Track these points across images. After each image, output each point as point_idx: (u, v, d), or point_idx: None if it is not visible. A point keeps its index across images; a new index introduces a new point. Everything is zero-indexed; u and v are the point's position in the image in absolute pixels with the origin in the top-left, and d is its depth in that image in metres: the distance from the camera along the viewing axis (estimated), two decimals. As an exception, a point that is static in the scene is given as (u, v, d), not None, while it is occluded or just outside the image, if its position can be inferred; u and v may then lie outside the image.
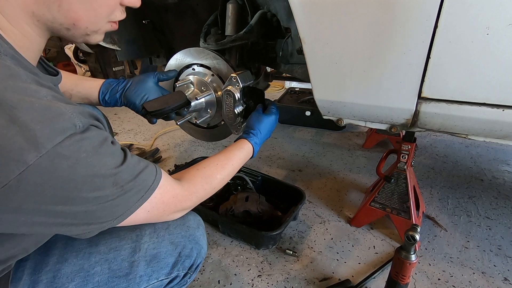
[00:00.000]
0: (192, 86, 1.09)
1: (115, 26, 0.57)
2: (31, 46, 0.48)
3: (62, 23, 0.48)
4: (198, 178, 0.64)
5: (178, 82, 1.08)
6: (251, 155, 0.86)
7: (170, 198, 0.56)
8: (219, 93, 1.06)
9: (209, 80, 1.08)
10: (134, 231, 0.61)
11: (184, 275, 0.65)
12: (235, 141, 0.85)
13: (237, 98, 1.00)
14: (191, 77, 1.09)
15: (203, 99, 1.06)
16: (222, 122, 1.14)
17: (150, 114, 0.86)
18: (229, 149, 0.80)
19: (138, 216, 0.50)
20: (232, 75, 1.00)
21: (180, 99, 0.93)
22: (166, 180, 0.55)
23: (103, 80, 0.90)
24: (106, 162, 0.44)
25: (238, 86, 0.98)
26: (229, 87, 0.99)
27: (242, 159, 0.81)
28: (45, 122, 0.37)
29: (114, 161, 0.46)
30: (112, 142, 0.47)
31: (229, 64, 1.05)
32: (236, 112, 1.02)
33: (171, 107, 0.89)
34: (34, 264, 0.54)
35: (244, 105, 1.05)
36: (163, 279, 0.62)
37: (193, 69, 1.12)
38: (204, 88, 1.08)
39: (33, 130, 0.36)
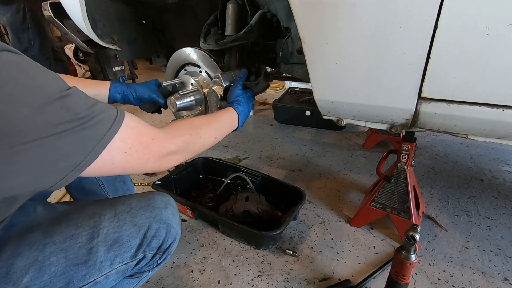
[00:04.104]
0: (184, 85, 1.14)
1: None
2: None
3: None
4: (182, 125, 0.64)
5: (165, 82, 1.10)
6: (236, 122, 0.87)
7: (149, 140, 0.54)
8: (205, 90, 1.09)
9: (197, 78, 1.10)
10: (93, 217, 0.60)
11: (153, 256, 0.64)
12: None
13: (219, 97, 1.01)
14: (181, 77, 1.13)
15: (191, 96, 1.09)
16: None
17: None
18: (215, 112, 0.82)
19: (116, 159, 0.48)
20: (216, 74, 1.02)
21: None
22: (139, 122, 0.53)
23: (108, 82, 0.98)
24: (43, 84, 0.41)
25: (221, 85, 1.00)
26: (213, 86, 1.01)
27: (228, 121, 0.82)
28: None
29: (56, 85, 0.42)
30: (46, 70, 0.44)
31: (217, 64, 1.07)
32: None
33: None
34: None
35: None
36: (128, 262, 0.60)
37: (185, 70, 1.15)
38: (192, 86, 1.12)
39: None
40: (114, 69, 2.44)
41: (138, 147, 0.52)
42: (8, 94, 0.37)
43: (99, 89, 0.95)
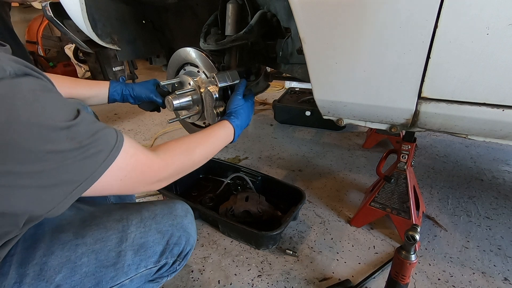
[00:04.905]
0: (182, 85, 1.14)
1: None
2: None
3: None
4: (176, 149, 0.64)
5: (163, 81, 1.10)
6: (232, 137, 0.85)
7: (145, 167, 0.55)
8: (202, 90, 1.09)
9: (195, 78, 1.10)
10: (121, 222, 0.62)
11: (173, 262, 0.66)
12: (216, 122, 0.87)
13: (214, 98, 1.01)
14: (180, 77, 1.13)
15: (188, 96, 1.09)
16: None
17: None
18: (210, 127, 0.80)
19: (111, 184, 0.49)
20: (211, 74, 1.02)
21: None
22: (137, 148, 0.54)
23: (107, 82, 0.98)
24: (53, 113, 0.41)
25: (216, 85, 0.99)
26: (208, 86, 1.01)
27: (223, 137, 0.81)
28: None
29: (65, 114, 0.42)
30: (60, 96, 0.44)
31: (215, 64, 1.07)
32: (216, 112, 1.03)
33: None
34: (21, 258, 0.54)
35: (224, 105, 1.06)
36: (151, 267, 0.63)
37: (184, 69, 1.15)
38: (189, 86, 1.11)
39: None
40: (114, 69, 2.43)
41: (133, 175, 0.53)
42: (18, 122, 0.37)
43: (99, 89, 0.95)
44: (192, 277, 0.98)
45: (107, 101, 0.99)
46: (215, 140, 0.76)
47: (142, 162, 0.54)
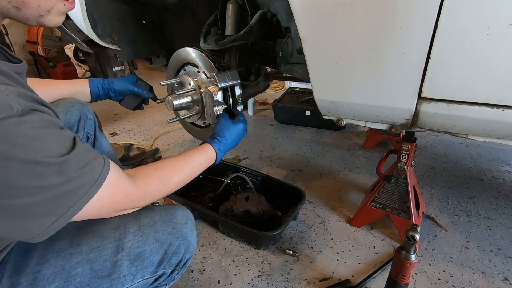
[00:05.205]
0: (182, 85, 1.14)
1: (70, 6, 0.55)
2: None
3: (10, 1, 0.46)
4: (154, 178, 0.63)
5: (163, 82, 1.10)
6: (213, 161, 0.83)
7: (123, 198, 0.55)
8: (202, 90, 1.09)
9: (196, 78, 1.10)
10: (118, 230, 0.61)
11: (172, 272, 0.65)
12: (199, 145, 0.84)
13: (214, 98, 1.00)
14: (180, 77, 1.13)
15: (188, 97, 1.09)
16: None
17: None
18: (191, 151, 0.78)
19: (88, 213, 0.49)
20: (211, 74, 1.01)
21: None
22: (119, 179, 0.54)
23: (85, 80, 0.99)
24: (50, 149, 0.42)
25: (216, 85, 0.99)
26: (208, 86, 1.00)
27: (203, 163, 0.79)
28: None
29: (60, 149, 0.44)
30: (61, 128, 0.45)
31: (215, 64, 1.07)
32: (216, 111, 1.02)
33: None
34: (14, 266, 0.53)
35: (225, 105, 1.05)
36: (148, 278, 0.61)
37: (184, 69, 1.15)
38: (189, 86, 1.12)
39: None
40: (114, 69, 2.43)
41: (111, 205, 0.53)
42: (15, 160, 0.38)
43: (78, 87, 0.96)
44: (192, 277, 0.98)
45: (90, 99, 0.98)
46: (194, 166, 0.74)
47: (121, 193, 0.54)
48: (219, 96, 1.02)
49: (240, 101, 1.07)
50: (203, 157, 0.79)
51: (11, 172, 0.38)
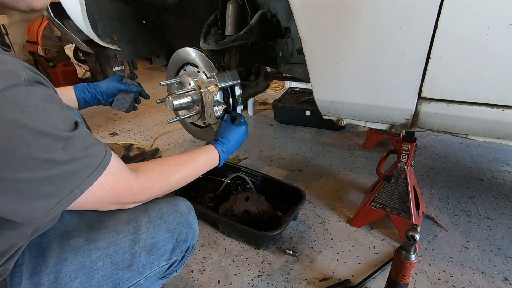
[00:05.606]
0: (182, 85, 1.14)
1: None
2: None
3: None
4: (156, 173, 0.64)
5: (163, 81, 1.10)
6: (217, 162, 0.84)
7: (123, 189, 0.56)
8: (202, 90, 1.09)
9: (196, 78, 1.10)
10: (130, 223, 0.62)
11: (182, 258, 0.69)
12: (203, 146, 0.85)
13: (214, 98, 1.00)
14: (180, 77, 1.13)
15: (188, 97, 1.09)
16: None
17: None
18: (194, 151, 0.79)
19: (88, 200, 0.49)
20: (211, 74, 1.01)
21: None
22: (121, 168, 0.54)
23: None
24: (56, 123, 0.42)
25: (216, 85, 0.99)
26: (208, 86, 1.00)
27: (206, 163, 0.79)
28: None
29: (65, 125, 0.44)
30: (63, 108, 0.45)
31: (215, 64, 1.07)
32: (216, 111, 1.02)
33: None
34: (32, 268, 0.53)
35: (225, 105, 1.05)
36: (164, 265, 0.65)
37: (184, 69, 1.15)
38: (189, 86, 1.11)
39: None
40: (114, 69, 2.44)
41: (111, 194, 0.53)
42: (25, 128, 0.38)
43: (65, 94, 0.95)
44: (192, 277, 0.98)
45: (78, 105, 0.98)
46: (197, 165, 0.75)
47: (122, 184, 0.55)
48: (219, 96, 1.02)
49: (240, 101, 1.07)
50: (206, 157, 0.80)
51: (21, 140, 0.38)
